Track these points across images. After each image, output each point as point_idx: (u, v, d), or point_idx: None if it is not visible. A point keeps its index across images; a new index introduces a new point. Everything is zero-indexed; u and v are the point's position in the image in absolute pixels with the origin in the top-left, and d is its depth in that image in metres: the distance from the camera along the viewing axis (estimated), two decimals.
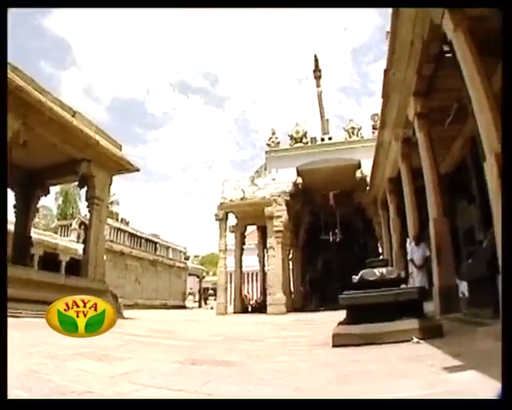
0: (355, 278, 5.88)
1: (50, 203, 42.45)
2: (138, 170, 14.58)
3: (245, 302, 24.55)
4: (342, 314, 5.72)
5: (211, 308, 26.54)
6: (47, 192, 14.60)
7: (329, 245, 25.80)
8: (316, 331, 7.50)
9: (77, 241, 24.89)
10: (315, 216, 25.12)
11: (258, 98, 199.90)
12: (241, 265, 23.41)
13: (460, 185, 12.88)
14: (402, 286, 5.94)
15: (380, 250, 20.36)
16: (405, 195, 11.02)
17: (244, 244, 24.05)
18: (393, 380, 2.80)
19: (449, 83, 8.14)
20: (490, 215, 5.29)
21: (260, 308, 20.61)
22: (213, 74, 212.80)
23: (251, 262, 28.85)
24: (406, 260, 10.76)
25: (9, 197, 12.97)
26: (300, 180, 20.11)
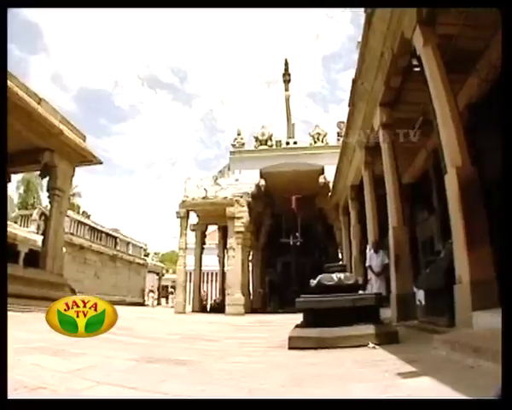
0: (313, 282, 5.92)
1: (11, 192, 41.06)
2: (101, 163, 14.34)
3: (204, 302, 24.47)
4: (300, 317, 5.75)
5: (171, 307, 26.24)
6: (8, 180, 14.10)
7: (290, 248, 25.99)
8: (273, 333, 7.53)
9: (36, 232, 24.11)
10: (276, 219, 25.21)
11: (226, 98, 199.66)
12: (201, 264, 23.35)
13: (421, 196, 13.21)
14: (359, 292, 6.04)
15: (340, 256, 20.57)
16: (367, 202, 11.16)
17: (204, 243, 23.98)
18: (347, 384, 2.82)
19: (415, 96, 8.38)
20: (449, 227, 5.46)
21: (219, 308, 20.55)
22: (183, 71, 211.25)
23: (211, 262, 28.69)
24: (365, 266, 10.93)
25: None
26: (263, 182, 20.15)
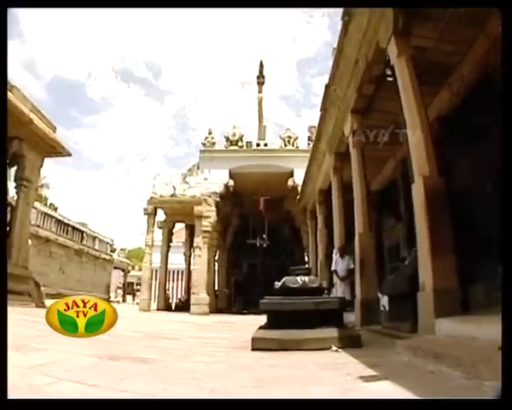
0: (277, 284, 5.95)
1: None
2: (70, 155, 14.11)
3: (169, 300, 24.27)
4: (264, 318, 5.76)
5: (136, 304, 25.89)
6: None
7: (256, 250, 25.98)
8: (236, 334, 7.54)
9: None
10: (244, 219, 25.19)
11: (199, 96, 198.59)
12: (167, 262, 23.20)
13: (389, 204, 13.45)
14: (324, 295, 6.10)
15: (306, 259, 20.71)
16: (334, 207, 11.28)
17: (171, 241, 23.84)
18: (308, 386, 2.83)
19: (387, 105, 8.53)
20: (415, 234, 5.56)
21: (184, 307, 20.44)
22: (158, 66, 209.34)
23: (177, 260, 28.48)
24: (331, 270, 11.01)
25: None
26: (232, 183, 20.14)
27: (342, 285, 10.11)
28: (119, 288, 39.06)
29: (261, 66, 27.24)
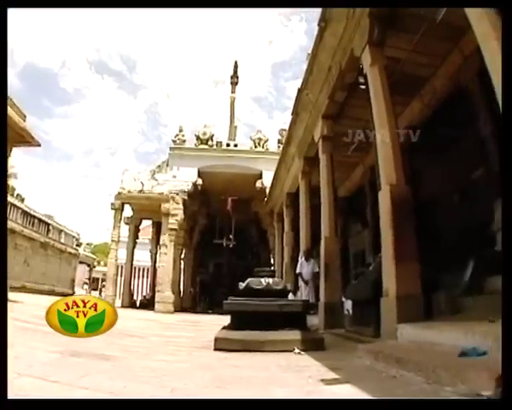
0: (241, 285, 5.98)
1: None
2: (39, 145, 13.77)
3: (133, 297, 23.98)
4: (228, 319, 5.78)
5: None
6: None
7: (223, 250, 25.98)
8: (200, 333, 7.50)
9: None
10: (211, 219, 25.11)
11: (172, 93, 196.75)
12: (133, 258, 23.00)
13: (356, 210, 13.64)
14: (289, 298, 6.13)
15: (272, 261, 20.75)
16: (301, 211, 11.37)
17: (138, 238, 23.68)
18: (270, 387, 2.85)
19: (358, 112, 8.62)
20: (380, 241, 5.65)
21: (148, 305, 20.22)
22: (133, 60, 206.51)
23: (143, 257, 28.16)
24: (296, 273, 11.05)
25: None
26: (200, 181, 20.02)
27: (307, 288, 10.19)
28: (86, 283, 38.20)
29: (236, 66, 27.33)
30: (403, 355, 3.37)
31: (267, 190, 18.62)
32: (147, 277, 32.33)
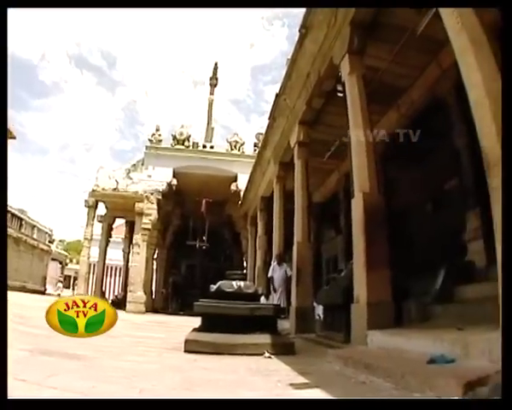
0: (213, 287, 5.96)
1: None
2: (14, 137, 13.48)
3: (105, 296, 23.55)
4: (200, 321, 5.73)
5: None
6: None
7: (196, 251, 25.79)
8: (171, 335, 7.43)
9: None
10: (185, 220, 24.88)
11: (151, 91, 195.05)
12: (105, 257, 22.72)
13: (330, 216, 13.74)
14: (261, 301, 6.13)
15: (245, 264, 20.74)
16: (275, 215, 11.40)
17: (111, 236, 23.33)
18: (238, 390, 2.85)
19: (334, 120, 8.72)
20: (352, 248, 5.71)
21: (120, 304, 19.83)
22: (113, 56, 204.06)
23: (115, 256, 27.76)
24: (268, 277, 11.08)
25: None
26: (175, 182, 19.86)
27: (278, 292, 10.21)
28: (60, 281, 37.42)
29: (215, 67, 27.28)
30: (372, 361, 3.40)
31: (241, 193, 18.62)
32: (119, 276, 31.94)
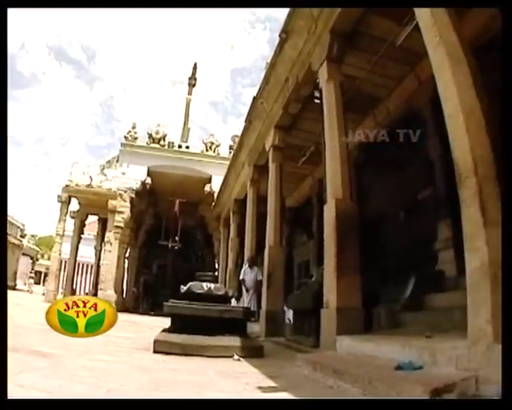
0: (183, 288, 5.95)
1: None
2: None
3: (75, 294, 23.13)
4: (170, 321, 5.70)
5: (43, 294, 24.39)
6: None
7: (168, 251, 25.71)
8: (140, 335, 7.36)
9: None
10: (158, 220, 24.69)
11: (129, 88, 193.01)
12: (77, 254, 22.51)
13: (303, 221, 13.75)
14: (232, 304, 6.11)
15: (216, 266, 20.65)
16: (248, 218, 11.42)
17: (83, 233, 23.19)
18: (206, 392, 2.84)
19: (310, 125, 8.80)
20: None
21: None
22: (93, 50, 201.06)
23: (87, 253, 27.33)
24: (239, 279, 11.04)
25: None
26: (150, 181, 19.78)
27: (249, 295, 10.20)
28: (31, 277, 36.48)
29: (195, 67, 27.17)
30: (340, 366, 3.43)
31: (215, 195, 18.60)
32: (90, 274, 31.44)
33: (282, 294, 8.42)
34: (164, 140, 20.73)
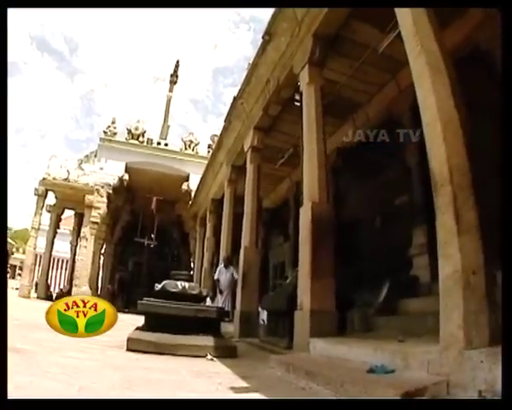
0: (157, 287, 5.90)
1: None
2: None
3: (49, 289, 22.94)
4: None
5: (16, 289, 23.93)
6: None
7: (144, 249, 25.58)
8: (114, 332, 7.21)
9: None
10: (134, 216, 24.49)
11: (110, 82, 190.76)
12: (52, 248, 22.10)
13: (279, 222, 13.80)
14: (207, 303, 6.08)
15: (192, 265, 20.62)
16: (224, 218, 11.35)
17: (59, 227, 22.81)
18: (179, 392, 2.84)
19: (289, 128, 8.82)
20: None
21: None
22: (75, 42, 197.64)
23: (63, 248, 26.88)
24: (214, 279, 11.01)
25: None
26: (127, 177, 19.67)
27: (224, 295, 10.17)
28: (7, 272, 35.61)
29: (177, 65, 27.07)
30: (313, 368, 3.46)
31: (192, 194, 18.55)
32: (65, 269, 30.95)
33: (257, 295, 8.42)
34: (143, 136, 20.63)
